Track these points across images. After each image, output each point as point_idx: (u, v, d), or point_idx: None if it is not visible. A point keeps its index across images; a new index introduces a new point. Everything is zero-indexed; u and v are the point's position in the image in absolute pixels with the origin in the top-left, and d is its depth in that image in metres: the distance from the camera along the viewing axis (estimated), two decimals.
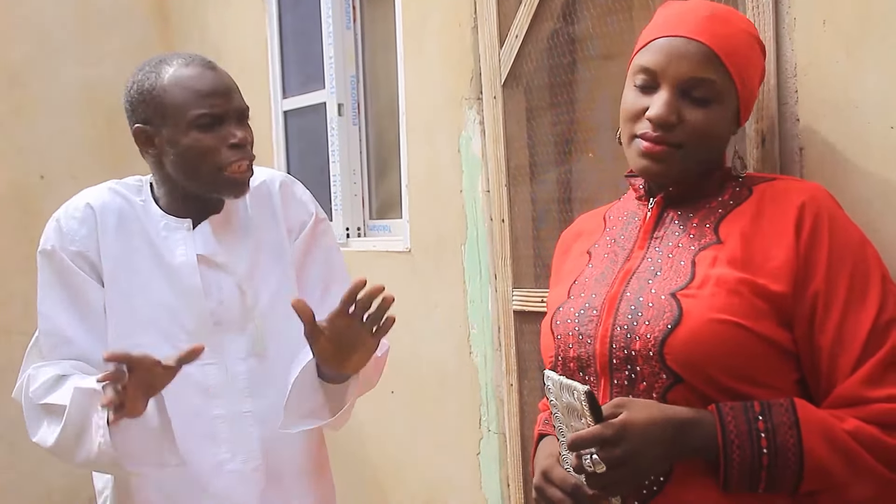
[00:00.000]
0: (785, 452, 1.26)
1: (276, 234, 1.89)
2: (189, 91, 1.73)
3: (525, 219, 2.44)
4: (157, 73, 1.76)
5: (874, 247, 1.36)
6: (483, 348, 2.68)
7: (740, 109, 1.44)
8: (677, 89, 1.38)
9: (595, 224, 1.60)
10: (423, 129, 2.89)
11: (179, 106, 1.72)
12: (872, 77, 1.48)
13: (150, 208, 1.83)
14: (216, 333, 1.79)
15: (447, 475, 2.91)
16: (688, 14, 1.41)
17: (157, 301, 1.79)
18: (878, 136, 1.47)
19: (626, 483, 1.28)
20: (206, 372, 1.77)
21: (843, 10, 1.51)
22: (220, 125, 1.74)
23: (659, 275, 1.39)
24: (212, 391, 1.78)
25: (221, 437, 1.78)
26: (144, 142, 1.78)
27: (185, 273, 1.79)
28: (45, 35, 4.23)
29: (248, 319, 1.82)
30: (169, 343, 1.74)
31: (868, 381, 1.28)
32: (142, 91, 1.76)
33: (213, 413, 1.78)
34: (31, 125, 4.20)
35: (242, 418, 1.80)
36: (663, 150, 1.39)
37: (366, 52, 3.46)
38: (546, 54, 2.32)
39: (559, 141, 2.33)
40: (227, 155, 1.73)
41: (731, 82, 1.39)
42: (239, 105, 1.78)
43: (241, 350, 1.81)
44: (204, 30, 4.20)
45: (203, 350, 1.57)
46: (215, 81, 1.76)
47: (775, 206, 1.37)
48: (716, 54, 1.38)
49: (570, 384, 1.30)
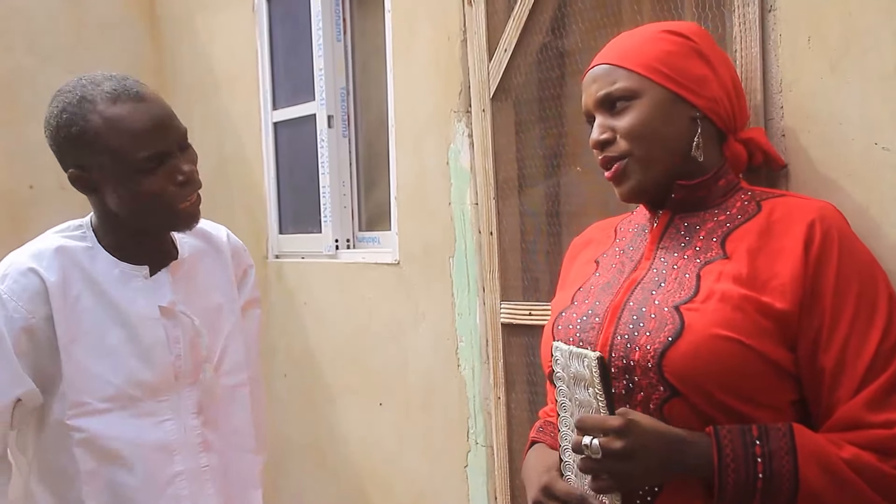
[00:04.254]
0: (780, 478, 1.26)
1: (227, 284, 1.87)
2: (127, 134, 1.60)
3: (513, 231, 2.45)
4: (83, 115, 1.62)
5: (882, 269, 1.35)
6: (471, 361, 2.68)
7: (687, 98, 1.42)
8: (602, 110, 1.45)
9: (606, 234, 1.61)
10: (412, 141, 2.90)
11: (119, 152, 1.61)
12: (856, 93, 1.49)
13: (99, 255, 1.71)
14: (174, 388, 1.74)
15: (435, 487, 2.91)
16: (601, 51, 1.51)
17: (116, 359, 1.69)
18: (862, 152, 1.48)
19: (615, 478, 1.28)
20: (165, 428, 1.73)
21: (828, 28, 1.52)
22: (164, 162, 1.64)
23: (663, 286, 1.39)
24: (171, 448, 1.73)
25: (182, 493, 1.74)
26: (83, 186, 1.69)
27: (148, 326, 1.71)
28: (36, 43, 4.22)
29: (198, 371, 1.77)
30: (127, 402, 1.69)
31: (870, 404, 1.28)
32: (70, 136, 1.63)
33: (174, 470, 1.73)
34: (20, 134, 4.18)
35: (201, 473, 1.76)
36: (616, 168, 1.44)
37: (356, 65, 3.47)
38: (535, 68, 2.33)
39: (548, 154, 2.34)
40: (176, 194, 1.65)
41: (643, 77, 1.42)
42: (178, 132, 1.67)
43: (194, 404, 1.77)
44: (194, 40, 4.21)
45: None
46: (151, 116, 1.63)
47: (784, 223, 1.37)
48: (615, 65, 1.44)
49: (581, 352, 1.31)
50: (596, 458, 1.27)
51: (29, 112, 4.21)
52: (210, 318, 1.80)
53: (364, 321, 3.19)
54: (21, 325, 1.64)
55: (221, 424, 1.81)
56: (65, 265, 1.68)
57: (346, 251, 3.44)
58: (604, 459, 1.27)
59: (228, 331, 1.84)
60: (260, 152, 3.79)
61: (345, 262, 3.35)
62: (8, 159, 4.17)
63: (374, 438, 3.18)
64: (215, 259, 1.86)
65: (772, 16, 1.62)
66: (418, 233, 2.90)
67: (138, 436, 1.70)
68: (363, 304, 3.19)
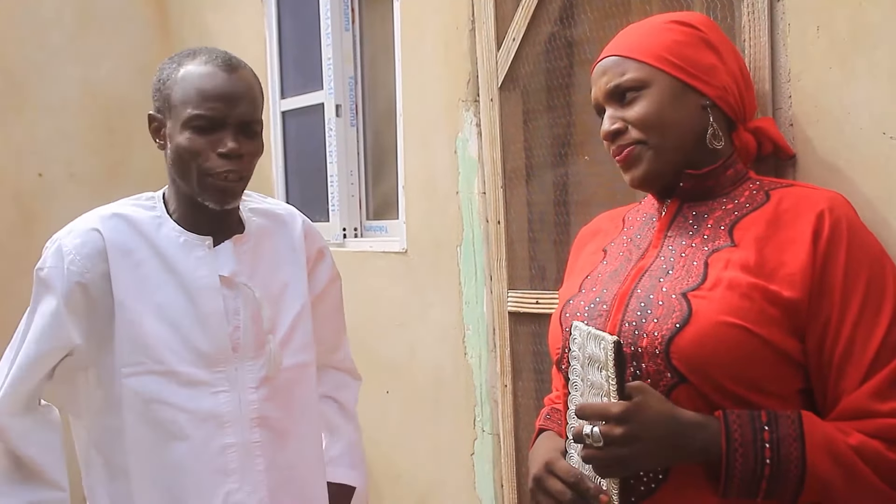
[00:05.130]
0: (787, 464, 1.26)
1: (296, 265, 1.86)
2: (192, 90, 1.66)
3: (521, 221, 2.45)
4: (177, 65, 1.71)
5: (891, 259, 1.36)
6: (478, 349, 2.68)
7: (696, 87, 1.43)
8: (612, 102, 1.46)
9: (614, 224, 1.62)
10: (420, 130, 2.90)
11: (180, 103, 1.67)
12: (865, 83, 1.49)
13: (165, 224, 1.74)
14: (232, 360, 1.74)
15: (441, 476, 2.92)
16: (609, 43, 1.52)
17: (173, 324, 1.70)
18: (870, 142, 1.48)
19: (617, 465, 1.28)
20: (218, 399, 1.72)
21: (837, 18, 1.52)
22: (215, 130, 1.66)
23: (671, 273, 1.40)
24: (224, 419, 1.73)
25: (231, 466, 1.73)
26: (153, 130, 1.75)
27: (207, 295, 1.72)
28: (44, 35, 4.23)
29: (261, 345, 1.77)
30: (182, 369, 1.70)
31: (876, 394, 1.28)
32: (160, 80, 1.72)
33: (224, 441, 1.73)
34: (29, 124, 4.21)
35: (252, 448, 1.75)
36: (629, 152, 1.44)
37: (364, 54, 3.47)
38: (543, 57, 2.33)
39: (555, 144, 2.34)
40: (214, 162, 1.66)
41: (653, 67, 1.43)
42: (243, 114, 1.69)
43: (255, 379, 1.75)
44: (203, 30, 4.21)
45: None
46: (223, 85, 1.67)
47: (793, 212, 1.37)
48: (624, 56, 1.45)
49: (600, 334, 1.32)
50: (598, 445, 1.27)
51: (37, 103, 4.24)
52: (274, 294, 1.80)
53: (371, 310, 3.20)
54: (76, 279, 1.68)
55: (286, 402, 1.79)
56: (129, 230, 1.72)
57: (353, 240, 3.45)
58: (605, 447, 1.27)
59: (297, 311, 1.83)
60: (268, 141, 3.79)
61: (352, 251, 3.36)
62: (17, 150, 4.19)
63: (381, 426, 3.19)
64: (284, 239, 1.86)
65: (780, 6, 1.62)
66: (426, 222, 2.91)
67: (190, 403, 1.70)
68: (370, 292, 3.20)
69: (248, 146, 1.70)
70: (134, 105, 4.28)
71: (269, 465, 1.76)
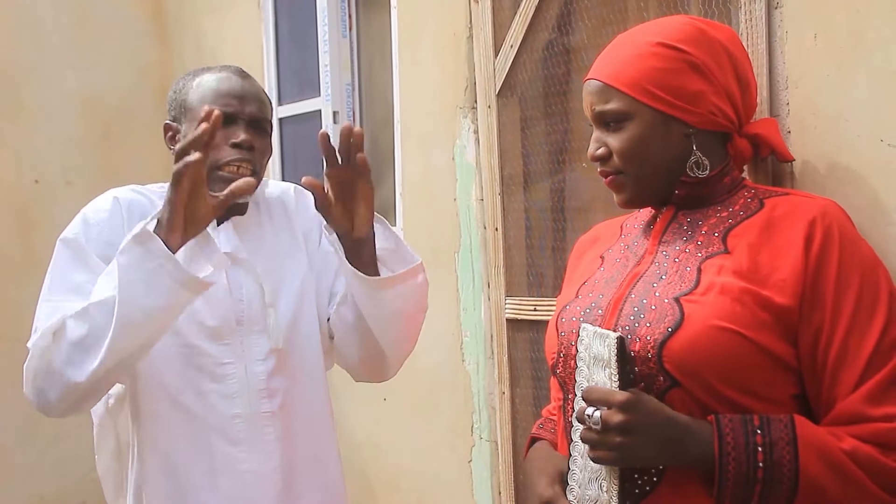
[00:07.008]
0: (780, 468, 1.26)
1: (293, 237, 1.92)
2: (209, 90, 1.78)
3: (518, 227, 2.45)
4: (192, 76, 1.82)
5: (884, 265, 1.36)
6: (476, 356, 2.68)
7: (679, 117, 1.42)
8: (598, 125, 1.48)
9: (612, 231, 1.63)
10: (417, 137, 2.90)
11: (197, 102, 1.76)
12: (862, 90, 1.49)
13: None
14: (237, 333, 1.79)
15: (439, 482, 2.92)
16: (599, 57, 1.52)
17: None
18: (868, 148, 1.49)
19: (610, 452, 1.29)
20: (225, 371, 1.78)
21: (835, 25, 1.53)
22: (228, 125, 1.75)
23: (664, 279, 1.40)
24: (230, 390, 1.78)
25: (239, 436, 1.78)
26: (168, 139, 1.82)
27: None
28: (42, 40, 4.23)
29: (266, 317, 1.82)
30: (189, 342, 1.75)
31: (869, 398, 1.28)
32: (175, 90, 1.83)
33: (232, 412, 1.78)
34: (26, 129, 4.20)
35: (261, 418, 1.80)
36: (612, 179, 1.47)
37: (361, 60, 3.47)
38: (541, 64, 2.33)
39: (553, 150, 2.35)
40: (226, 153, 1.74)
41: (635, 100, 1.42)
42: (254, 111, 1.79)
43: (262, 351, 1.81)
44: (200, 36, 4.21)
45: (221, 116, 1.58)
46: (237, 85, 1.80)
47: (786, 219, 1.38)
48: (607, 85, 1.45)
49: (604, 332, 1.34)
50: (596, 428, 1.29)
51: (34, 107, 4.23)
52: (275, 269, 1.86)
53: None
54: (105, 238, 1.74)
55: (293, 373, 1.83)
56: (143, 206, 1.80)
57: None
58: (603, 432, 1.29)
59: (299, 284, 1.88)
60: None
61: None
62: (13, 154, 4.18)
63: (378, 433, 3.19)
64: (282, 215, 1.93)
65: (778, 13, 1.62)
66: (423, 228, 2.91)
67: (196, 375, 1.75)
68: None
69: (259, 141, 1.79)
70: (130, 110, 4.28)
71: (281, 434, 1.81)
